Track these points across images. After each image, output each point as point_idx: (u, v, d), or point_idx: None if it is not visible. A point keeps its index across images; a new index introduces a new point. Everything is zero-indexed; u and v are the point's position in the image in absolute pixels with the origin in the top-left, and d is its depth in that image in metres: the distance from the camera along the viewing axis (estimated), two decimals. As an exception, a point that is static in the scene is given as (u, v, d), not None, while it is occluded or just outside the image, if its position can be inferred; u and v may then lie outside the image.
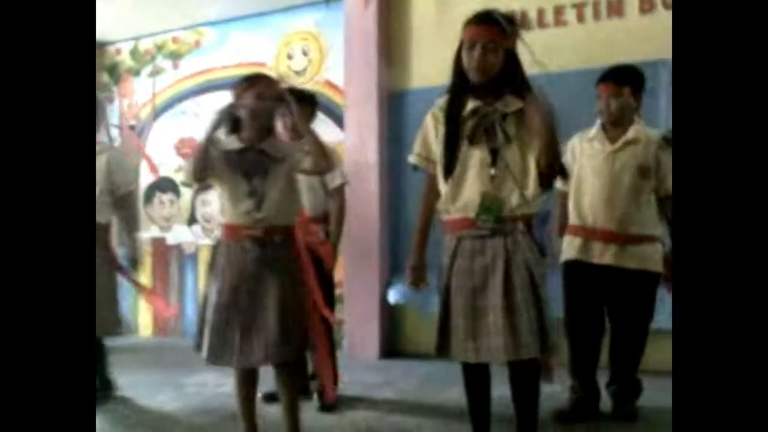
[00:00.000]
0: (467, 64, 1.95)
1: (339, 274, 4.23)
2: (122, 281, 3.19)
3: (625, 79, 2.60)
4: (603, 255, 2.57)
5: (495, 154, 1.91)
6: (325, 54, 4.61)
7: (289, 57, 4.73)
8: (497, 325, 1.85)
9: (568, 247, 2.66)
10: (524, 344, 1.84)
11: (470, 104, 1.96)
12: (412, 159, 2.14)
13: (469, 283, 1.92)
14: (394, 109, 4.29)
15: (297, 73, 4.69)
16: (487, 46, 1.90)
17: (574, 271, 2.64)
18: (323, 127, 4.39)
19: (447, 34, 4.14)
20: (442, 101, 2.06)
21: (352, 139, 4.27)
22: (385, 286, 4.18)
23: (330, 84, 4.56)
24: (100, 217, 2.97)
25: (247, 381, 2.23)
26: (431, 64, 4.15)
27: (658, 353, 3.35)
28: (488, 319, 1.87)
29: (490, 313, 1.87)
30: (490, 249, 1.91)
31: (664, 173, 2.54)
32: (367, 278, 4.13)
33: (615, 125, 2.62)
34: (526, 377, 1.98)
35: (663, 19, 3.53)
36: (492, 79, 1.93)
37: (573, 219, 2.67)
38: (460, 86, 2.00)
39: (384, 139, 4.24)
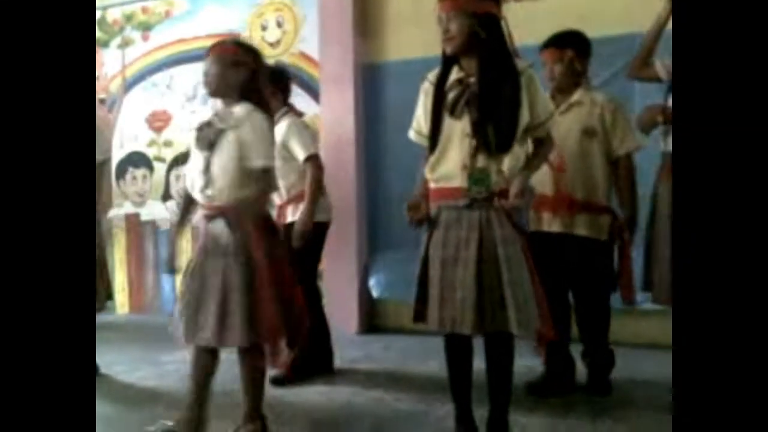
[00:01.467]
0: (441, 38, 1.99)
1: (317, 250, 4.24)
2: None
3: (566, 43, 2.60)
4: (552, 223, 2.58)
5: (476, 126, 1.93)
6: (300, 25, 4.52)
7: (263, 28, 4.64)
8: (465, 299, 1.91)
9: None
10: (491, 319, 1.91)
11: (454, 75, 2.00)
12: (411, 135, 2.18)
13: (443, 254, 1.97)
14: (371, 82, 4.25)
15: (271, 44, 4.60)
16: (449, 17, 1.94)
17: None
18: (299, 101, 4.35)
19: (424, 6, 4.11)
20: (431, 74, 2.09)
21: (328, 113, 4.23)
22: (364, 264, 4.19)
23: (305, 56, 4.49)
24: None
25: (198, 360, 2.15)
26: (407, 36, 4.11)
27: (631, 327, 3.44)
28: (458, 292, 1.92)
29: (459, 286, 1.92)
30: (465, 221, 1.95)
31: (614, 135, 2.55)
32: (345, 254, 4.14)
33: (561, 91, 2.62)
34: (497, 350, 2.03)
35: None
36: (471, 50, 1.95)
37: None
38: (445, 59, 2.03)
39: (360, 113, 4.21)
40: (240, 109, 2.12)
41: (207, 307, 2.03)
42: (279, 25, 4.59)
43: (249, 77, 2.13)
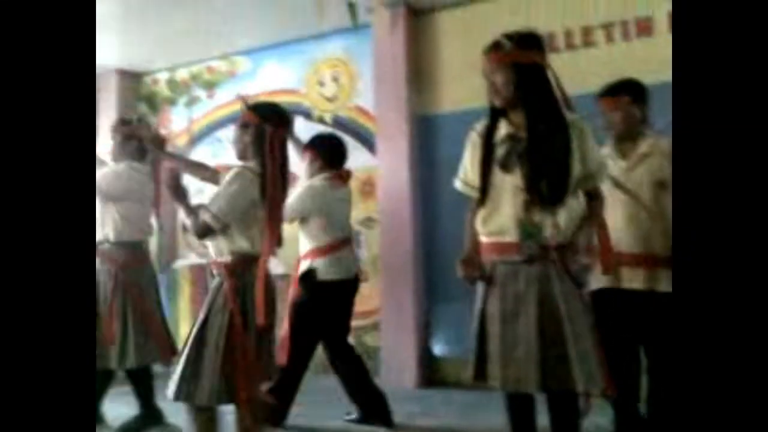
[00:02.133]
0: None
1: (375, 302, 4.27)
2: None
3: (620, 91, 2.57)
4: (632, 280, 2.47)
5: (529, 181, 1.92)
6: (355, 80, 4.67)
7: (320, 84, 4.82)
8: (528, 354, 1.87)
9: (595, 275, 2.56)
10: (555, 377, 1.86)
11: (504, 129, 2.01)
12: (457, 185, 2.19)
13: (501, 309, 1.94)
14: (425, 133, 4.32)
15: (328, 99, 4.77)
16: (493, 69, 1.98)
17: (604, 300, 2.49)
18: (356, 154, 4.47)
19: (474, 58, 4.18)
20: (479, 125, 2.11)
21: (384, 164, 4.32)
22: (422, 317, 4.18)
23: (361, 110, 4.62)
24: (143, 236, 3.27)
25: None
26: (460, 87, 4.19)
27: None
28: (520, 348, 1.89)
29: (521, 342, 1.89)
30: (522, 276, 1.93)
31: None
32: (402, 307, 4.14)
33: (623, 139, 2.56)
34: (561, 408, 1.98)
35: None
36: (514, 101, 1.96)
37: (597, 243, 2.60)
38: (493, 112, 2.05)
39: (415, 164, 4.27)
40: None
41: None
42: (335, 80, 4.76)
43: (255, 137, 2.28)
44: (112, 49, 5.05)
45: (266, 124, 2.26)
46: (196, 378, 2.15)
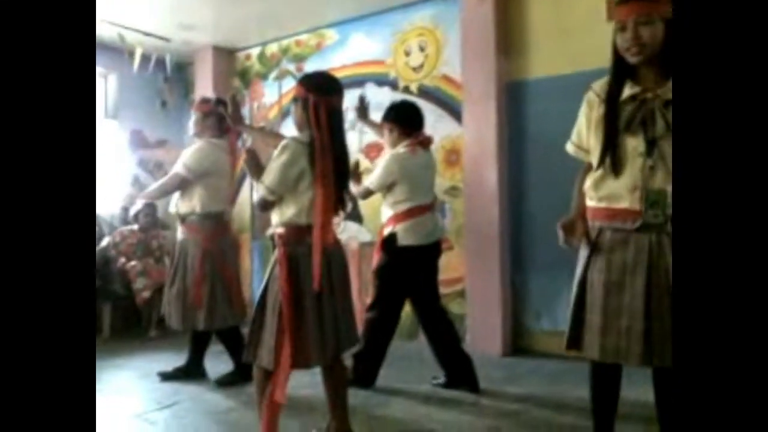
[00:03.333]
0: (621, 46, 1.82)
1: (461, 270, 4.29)
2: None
3: None
4: None
5: (652, 144, 1.79)
6: (442, 49, 4.64)
7: (407, 53, 4.81)
8: (631, 328, 1.79)
9: None
10: (660, 352, 1.77)
11: (628, 90, 1.84)
12: (569, 148, 2.08)
13: (606, 278, 1.86)
14: (513, 100, 4.24)
15: (414, 69, 4.76)
16: (639, 23, 1.76)
17: None
18: (442, 123, 4.47)
19: (565, 23, 4.06)
20: (598, 85, 1.95)
21: (470, 132, 4.28)
22: (509, 285, 4.17)
23: (447, 78, 4.58)
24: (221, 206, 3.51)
25: None
26: (549, 53, 4.07)
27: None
28: (623, 320, 1.81)
29: (625, 314, 1.81)
30: (633, 245, 1.83)
31: None
32: (489, 274, 4.13)
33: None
34: (666, 385, 1.90)
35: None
36: (652, 59, 1.79)
37: None
38: (617, 70, 1.87)
39: (503, 132, 4.21)
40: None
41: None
42: (422, 49, 4.74)
43: (303, 108, 2.30)
44: (208, 26, 5.27)
45: (310, 94, 2.27)
46: (258, 341, 2.25)
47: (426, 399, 3.13)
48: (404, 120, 3.27)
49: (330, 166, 2.26)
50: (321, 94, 2.28)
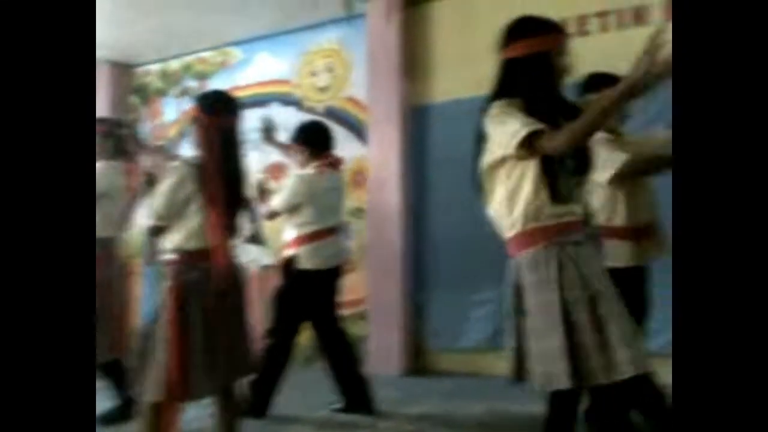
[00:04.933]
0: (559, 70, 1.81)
1: (362, 291, 4.22)
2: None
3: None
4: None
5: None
6: (348, 70, 4.63)
7: (313, 74, 4.77)
8: (625, 335, 1.61)
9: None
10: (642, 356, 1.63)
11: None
12: None
13: (587, 293, 1.63)
14: (417, 122, 4.28)
15: (320, 89, 4.72)
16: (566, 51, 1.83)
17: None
18: (348, 144, 4.43)
19: (468, 48, 4.17)
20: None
21: (375, 154, 4.28)
22: (410, 305, 4.14)
23: (353, 100, 4.57)
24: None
25: None
26: (453, 77, 4.16)
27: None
28: (611, 330, 1.61)
29: (612, 323, 1.61)
30: (595, 255, 1.72)
31: None
32: (389, 293, 4.09)
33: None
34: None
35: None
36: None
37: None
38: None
39: (407, 154, 4.23)
40: None
41: None
42: (328, 70, 4.72)
43: (196, 127, 2.25)
44: (104, 41, 5.01)
45: (202, 114, 2.20)
46: (146, 373, 2.09)
47: (322, 425, 3.01)
48: (314, 141, 3.20)
49: (220, 189, 2.15)
50: (212, 114, 2.21)
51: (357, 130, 4.51)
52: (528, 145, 1.61)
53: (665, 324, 3.24)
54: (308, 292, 3.07)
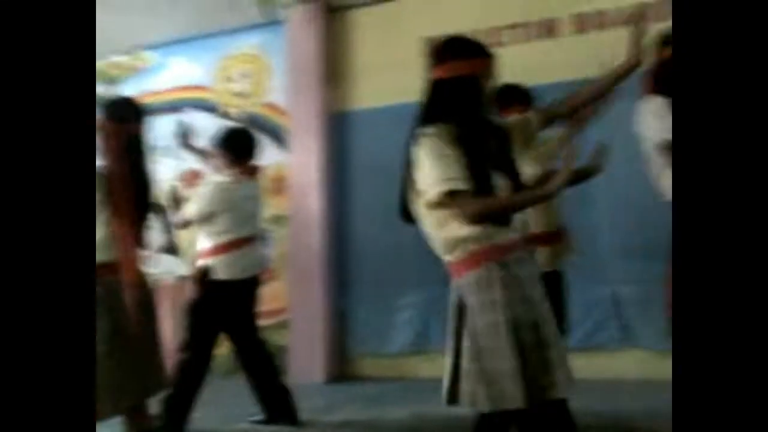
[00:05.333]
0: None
1: (283, 300, 4.16)
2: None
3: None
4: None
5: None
6: (268, 76, 4.58)
7: (230, 80, 4.68)
8: (561, 357, 1.64)
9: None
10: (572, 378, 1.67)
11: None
12: None
13: (530, 314, 1.64)
14: (338, 129, 4.29)
15: (238, 95, 4.63)
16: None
17: None
18: (267, 151, 4.36)
19: (390, 56, 4.22)
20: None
21: (296, 161, 4.24)
22: (332, 312, 4.12)
23: (273, 106, 4.52)
24: None
25: None
26: (374, 85, 4.19)
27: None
28: (552, 351, 1.63)
29: (552, 344, 1.63)
30: (535, 273, 1.73)
31: None
32: (312, 301, 4.05)
33: None
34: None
35: (594, 39, 3.65)
36: None
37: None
38: None
39: (328, 161, 4.22)
40: None
41: None
42: (246, 76, 4.64)
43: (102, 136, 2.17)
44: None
45: (108, 121, 2.14)
46: None
47: (242, 437, 2.93)
48: (237, 148, 3.11)
49: (127, 198, 2.07)
50: (118, 121, 2.14)
51: (277, 136, 4.45)
52: (447, 197, 1.62)
53: (577, 322, 3.45)
54: (224, 303, 2.98)
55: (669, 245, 2.16)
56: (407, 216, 1.74)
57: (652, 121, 2.15)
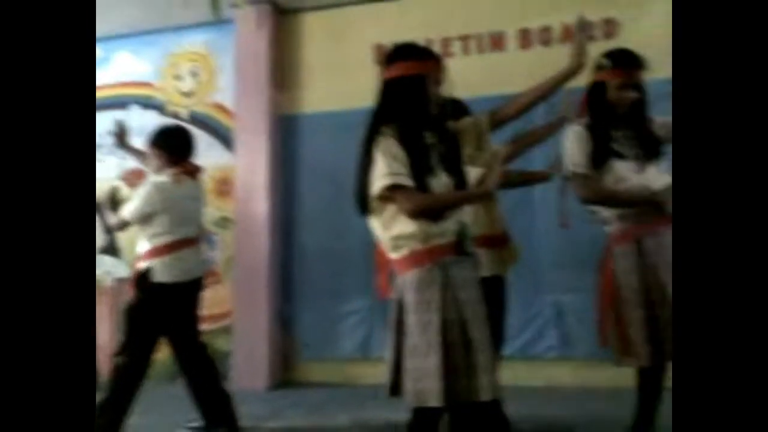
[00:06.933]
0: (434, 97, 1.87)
1: (228, 304, 4.09)
2: None
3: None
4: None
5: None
6: (216, 76, 4.50)
7: (177, 78, 4.57)
8: (488, 362, 1.68)
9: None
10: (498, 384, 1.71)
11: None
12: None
13: (460, 317, 1.69)
14: (286, 133, 4.25)
15: (185, 94, 4.54)
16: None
17: None
18: (213, 151, 4.30)
19: (339, 62, 4.22)
20: None
21: (242, 163, 4.17)
22: (277, 317, 4.08)
23: (220, 106, 4.44)
24: None
25: None
26: (324, 89, 4.18)
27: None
28: (479, 354, 1.67)
29: (480, 348, 1.67)
30: (474, 277, 1.77)
31: None
32: (256, 306, 4.00)
33: None
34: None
35: (540, 54, 3.76)
36: None
37: None
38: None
39: (276, 164, 4.18)
40: None
41: None
42: (194, 74, 4.55)
43: None
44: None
45: None
46: None
47: (179, 445, 2.86)
48: (173, 146, 3.03)
49: None
50: None
51: (223, 137, 4.38)
52: (389, 191, 1.68)
53: (518, 330, 3.53)
54: (164, 307, 2.90)
55: (598, 257, 2.30)
56: (364, 208, 1.78)
57: (569, 147, 2.27)
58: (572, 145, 2.27)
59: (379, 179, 1.68)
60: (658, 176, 2.23)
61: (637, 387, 2.32)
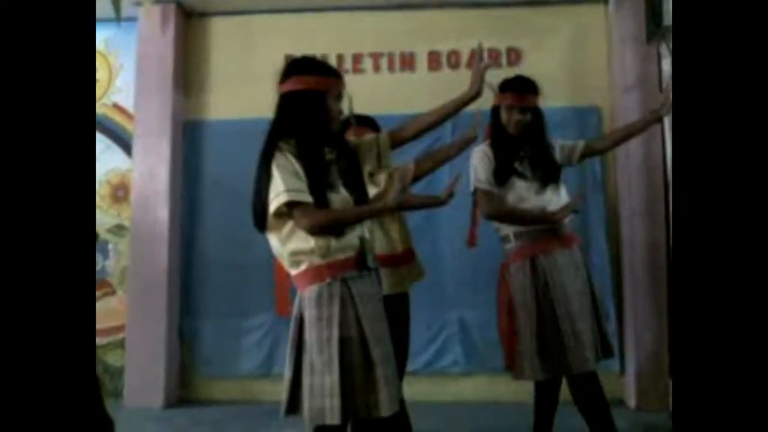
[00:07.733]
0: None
1: (122, 317, 3.87)
2: None
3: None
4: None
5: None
6: (115, 76, 4.27)
7: (71, 75, 4.29)
8: (388, 377, 1.70)
9: None
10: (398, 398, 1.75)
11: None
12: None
13: (361, 334, 1.69)
14: (190, 139, 4.10)
15: (80, 93, 4.27)
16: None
17: None
18: (109, 155, 4.08)
19: (247, 69, 4.12)
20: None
21: (141, 168, 3.97)
22: (176, 332, 3.91)
23: (119, 108, 4.22)
24: None
25: None
26: (230, 96, 4.07)
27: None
28: (379, 370, 1.68)
29: (380, 364, 1.68)
30: (376, 293, 1.78)
31: None
32: (153, 319, 3.80)
33: None
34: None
35: (447, 76, 3.89)
36: None
37: None
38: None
39: (177, 170, 4.02)
40: None
41: None
42: (90, 73, 4.29)
43: None
44: None
45: None
46: None
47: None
48: None
49: None
50: None
51: (121, 140, 4.16)
52: (287, 207, 1.67)
53: (424, 346, 3.60)
54: None
55: (497, 272, 2.42)
56: (262, 224, 1.75)
57: (474, 165, 2.43)
58: (477, 163, 2.42)
59: (277, 196, 1.66)
60: (555, 198, 2.39)
61: (534, 400, 2.46)
